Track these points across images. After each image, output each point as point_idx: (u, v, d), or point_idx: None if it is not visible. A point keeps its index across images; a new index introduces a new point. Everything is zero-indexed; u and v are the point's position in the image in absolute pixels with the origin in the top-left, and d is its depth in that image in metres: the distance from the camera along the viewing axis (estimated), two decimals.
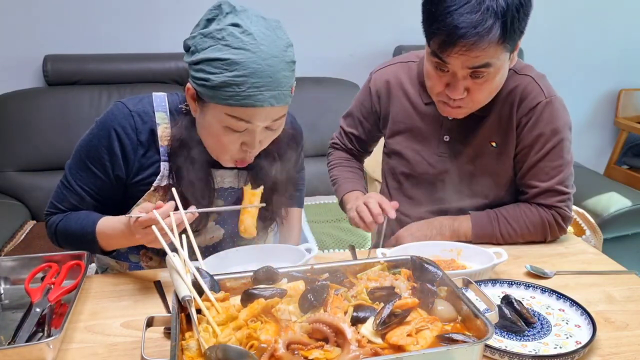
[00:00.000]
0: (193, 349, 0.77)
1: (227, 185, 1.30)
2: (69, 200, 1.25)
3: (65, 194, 1.25)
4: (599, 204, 2.52)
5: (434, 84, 1.30)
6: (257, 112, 1.08)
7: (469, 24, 1.14)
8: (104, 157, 1.21)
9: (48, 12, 2.75)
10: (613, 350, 0.95)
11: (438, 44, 1.19)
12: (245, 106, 1.06)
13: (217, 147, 1.18)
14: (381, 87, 1.53)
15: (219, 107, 1.08)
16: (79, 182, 1.24)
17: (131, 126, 1.21)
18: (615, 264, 1.30)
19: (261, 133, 1.13)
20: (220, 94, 1.06)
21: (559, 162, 1.36)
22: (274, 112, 1.10)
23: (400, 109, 1.49)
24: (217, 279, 0.92)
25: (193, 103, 1.15)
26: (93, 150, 1.21)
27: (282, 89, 1.08)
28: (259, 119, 1.09)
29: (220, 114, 1.09)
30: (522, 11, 1.17)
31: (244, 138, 1.13)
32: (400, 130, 1.50)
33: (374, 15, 3.19)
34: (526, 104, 1.35)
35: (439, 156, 1.45)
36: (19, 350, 0.88)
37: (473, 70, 1.21)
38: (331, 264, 0.97)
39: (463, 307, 0.84)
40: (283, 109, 1.12)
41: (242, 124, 1.09)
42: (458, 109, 1.31)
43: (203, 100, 1.11)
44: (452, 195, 1.46)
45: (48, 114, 2.54)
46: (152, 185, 1.22)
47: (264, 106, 1.07)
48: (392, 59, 1.59)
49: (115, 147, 1.20)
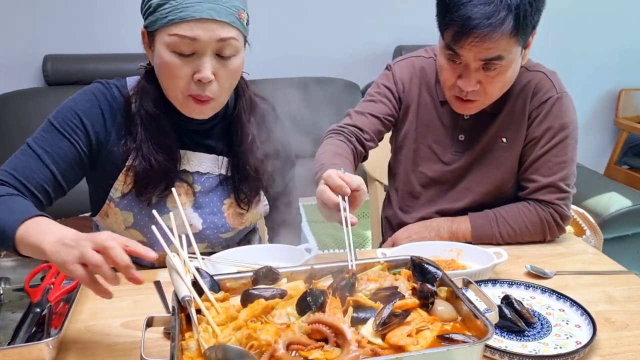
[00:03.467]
0: (193, 349, 0.77)
1: (204, 171, 1.28)
2: (23, 165, 1.13)
3: (19, 158, 1.14)
4: (599, 204, 2.52)
5: (447, 76, 1.31)
6: (197, 25, 1.06)
7: (482, 15, 1.16)
8: (78, 120, 1.18)
9: (48, 12, 2.75)
10: (613, 351, 0.95)
11: (451, 36, 1.21)
12: (184, 19, 1.06)
13: (171, 84, 1.14)
14: (405, 75, 1.49)
15: (163, 33, 1.09)
16: (40, 143, 1.16)
17: (111, 94, 1.22)
18: (615, 264, 1.30)
19: (213, 61, 1.10)
20: (160, 14, 1.07)
21: (563, 159, 1.37)
22: (218, 29, 1.08)
23: (421, 100, 1.48)
24: (216, 279, 0.92)
25: (149, 50, 1.16)
26: (68, 114, 1.18)
27: (222, 3, 1.07)
28: (202, 34, 1.07)
29: (165, 38, 1.08)
30: (535, 5, 1.19)
31: (194, 65, 1.10)
32: (417, 123, 1.48)
33: (374, 15, 3.19)
34: (538, 98, 1.38)
35: (454, 155, 1.45)
36: (18, 350, 0.88)
37: (485, 62, 1.22)
38: (331, 264, 0.97)
39: (463, 307, 0.84)
40: (229, 30, 1.09)
41: (187, 42, 1.07)
42: (470, 103, 1.32)
43: (152, 35, 1.12)
44: (462, 192, 1.46)
45: (48, 114, 2.52)
46: (125, 165, 1.21)
47: (203, 17, 1.06)
48: (414, 52, 1.54)
49: (94, 110, 1.19)
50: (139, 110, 1.21)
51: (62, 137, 1.17)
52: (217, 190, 1.30)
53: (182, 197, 1.27)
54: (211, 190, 1.30)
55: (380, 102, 1.49)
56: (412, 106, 1.48)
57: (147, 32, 1.14)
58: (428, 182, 1.49)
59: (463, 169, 1.45)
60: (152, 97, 1.21)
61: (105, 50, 2.79)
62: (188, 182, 1.27)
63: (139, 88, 1.22)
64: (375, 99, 1.50)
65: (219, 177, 1.30)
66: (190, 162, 1.27)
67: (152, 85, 1.21)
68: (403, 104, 1.50)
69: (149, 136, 1.20)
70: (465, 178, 1.46)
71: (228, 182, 1.31)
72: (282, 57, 3.17)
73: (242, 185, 1.30)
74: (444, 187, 1.48)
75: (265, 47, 3.16)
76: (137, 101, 1.21)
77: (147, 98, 1.21)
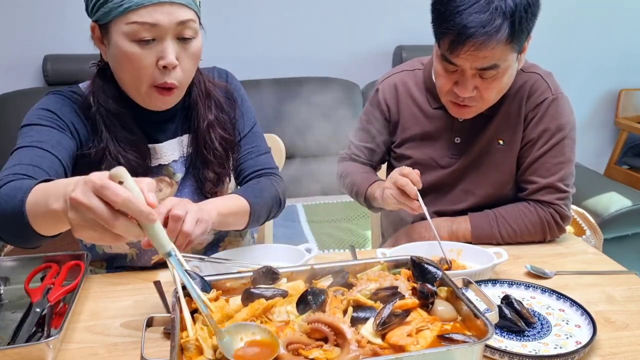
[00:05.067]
0: (192, 349, 0.77)
1: (177, 157, 1.26)
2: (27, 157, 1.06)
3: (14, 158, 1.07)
4: (599, 204, 2.52)
5: (443, 83, 1.31)
6: (156, 10, 1.04)
7: (478, 24, 1.15)
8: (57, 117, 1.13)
9: (48, 12, 2.75)
10: (613, 351, 0.95)
11: (447, 44, 1.21)
12: (141, 4, 1.03)
13: (132, 74, 1.10)
14: (389, 95, 1.52)
15: (119, 22, 1.05)
16: (30, 140, 1.09)
17: (72, 98, 1.19)
18: (615, 264, 1.30)
19: (174, 46, 1.09)
20: (114, 3, 1.04)
21: (561, 159, 1.37)
22: (176, 11, 1.06)
23: (409, 115, 1.49)
24: (216, 280, 0.92)
25: (102, 45, 1.13)
26: (43, 113, 1.14)
27: None
28: (161, 18, 1.05)
29: (123, 27, 1.05)
30: (530, 11, 1.19)
31: (156, 51, 1.08)
32: (409, 137, 1.49)
33: (374, 15, 3.19)
34: (533, 99, 1.38)
35: (450, 158, 1.45)
36: (18, 351, 0.88)
37: (481, 70, 1.22)
38: (331, 264, 0.97)
39: (463, 307, 0.84)
40: (187, 11, 1.08)
41: (146, 28, 1.05)
42: (467, 108, 1.32)
43: (106, 28, 1.08)
44: (461, 195, 1.46)
45: None
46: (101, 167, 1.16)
47: (161, 1, 1.04)
48: (396, 67, 1.58)
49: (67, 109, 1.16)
50: (98, 109, 1.17)
51: (48, 128, 1.12)
52: (188, 173, 1.28)
53: (165, 190, 1.24)
54: (185, 174, 1.27)
55: (370, 132, 1.56)
56: (402, 123, 1.50)
57: (99, 26, 1.10)
58: (427, 187, 1.49)
59: (460, 171, 1.45)
60: (110, 94, 1.17)
61: None
62: (169, 174, 1.25)
63: (94, 87, 1.19)
64: (365, 127, 1.57)
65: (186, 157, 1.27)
66: (163, 156, 1.24)
67: (108, 82, 1.18)
68: (391, 123, 1.53)
69: (113, 135, 1.17)
70: (464, 181, 1.46)
71: (191, 163, 1.28)
72: (282, 57, 3.18)
73: (205, 170, 1.27)
74: (443, 190, 1.48)
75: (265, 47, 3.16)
76: (95, 100, 1.17)
77: (104, 95, 1.17)
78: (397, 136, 1.52)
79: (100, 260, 1.32)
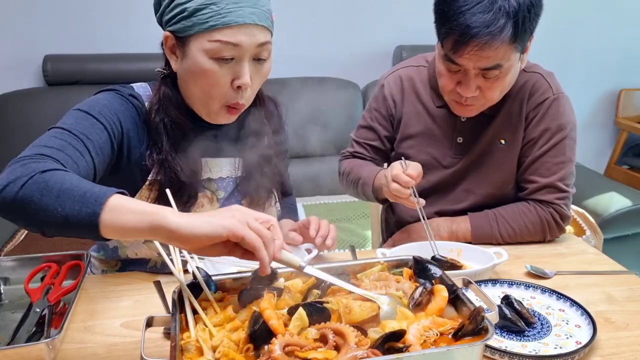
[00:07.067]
0: (192, 350, 0.77)
1: (225, 175, 1.27)
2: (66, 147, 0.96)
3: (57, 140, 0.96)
4: (599, 204, 2.52)
5: (445, 82, 1.31)
6: (240, 31, 1.04)
7: (481, 24, 1.15)
8: (116, 118, 1.09)
9: (48, 12, 2.75)
10: (613, 351, 0.95)
11: (451, 44, 1.21)
12: (227, 24, 1.03)
13: (206, 91, 1.10)
14: (395, 90, 1.51)
15: (200, 38, 1.05)
16: (80, 129, 1.01)
17: (135, 103, 1.15)
18: (615, 264, 1.30)
19: (251, 66, 1.09)
20: (199, 19, 1.03)
21: (561, 159, 1.37)
22: (258, 34, 1.07)
23: (412, 112, 1.49)
24: (216, 279, 0.92)
25: (173, 55, 1.12)
26: (105, 109, 1.08)
27: (260, 6, 1.07)
28: (245, 40, 1.05)
29: (205, 44, 1.05)
30: (533, 11, 1.19)
31: (234, 70, 1.08)
32: (412, 134, 1.49)
33: (374, 15, 3.19)
34: (534, 99, 1.38)
35: (453, 158, 1.45)
36: (18, 351, 0.88)
37: (485, 70, 1.22)
38: (331, 264, 0.97)
39: (463, 307, 0.84)
40: (266, 34, 1.08)
41: (229, 48, 1.05)
42: (470, 107, 1.32)
43: (183, 41, 1.07)
44: (462, 195, 1.46)
45: (48, 114, 2.55)
46: (148, 179, 1.16)
47: (247, 23, 1.04)
48: (401, 63, 1.57)
49: (128, 114, 1.12)
50: (163, 119, 1.15)
51: (102, 127, 1.06)
52: (235, 192, 1.29)
53: (207, 206, 1.24)
54: (231, 194, 1.28)
55: (374, 129, 1.55)
56: (405, 119, 1.50)
57: (176, 38, 1.09)
58: (429, 187, 1.49)
59: (462, 171, 1.45)
60: (176, 104, 1.16)
61: (105, 50, 2.79)
62: (211, 189, 1.25)
63: (160, 95, 1.16)
64: (369, 125, 1.55)
65: (236, 179, 1.28)
66: (212, 170, 1.24)
67: (174, 92, 1.17)
68: (396, 119, 1.52)
69: (174, 146, 1.16)
70: (465, 180, 1.46)
71: (243, 183, 1.29)
72: (282, 57, 3.16)
73: (255, 185, 1.28)
74: (444, 189, 1.48)
75: None
76: (161, 110, 1.15)
77: (172, 106, 1.16)
78: (399, 132, 1.52)
79: (116, 260, 1.31)
